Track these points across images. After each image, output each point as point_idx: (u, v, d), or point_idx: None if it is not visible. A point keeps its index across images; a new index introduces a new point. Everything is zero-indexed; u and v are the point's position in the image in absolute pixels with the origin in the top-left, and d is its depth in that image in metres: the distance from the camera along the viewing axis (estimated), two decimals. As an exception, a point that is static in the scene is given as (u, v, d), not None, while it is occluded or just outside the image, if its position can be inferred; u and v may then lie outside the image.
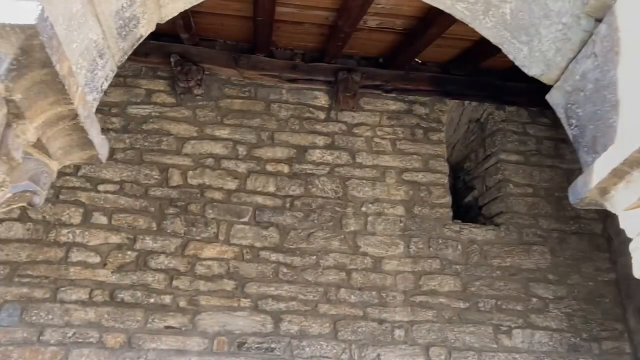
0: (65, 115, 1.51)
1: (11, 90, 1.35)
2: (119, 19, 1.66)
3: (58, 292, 4.16)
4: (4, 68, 1.31)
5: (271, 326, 4.28)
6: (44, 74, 1.38)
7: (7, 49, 1.30)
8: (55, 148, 1.64)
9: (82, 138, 1.64)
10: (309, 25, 4.68)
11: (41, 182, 1.63)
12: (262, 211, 4.64)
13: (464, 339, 4.44)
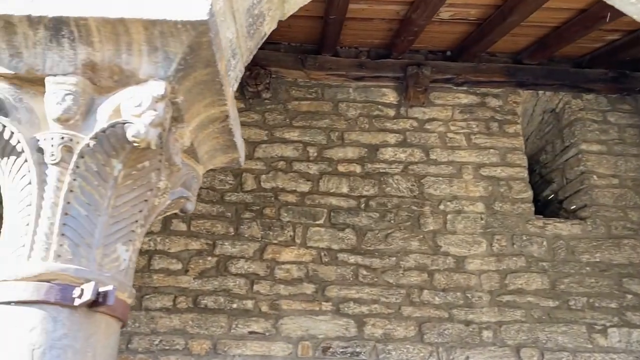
0: (216, 118, 1.46)
1: (176, 92, 1.31)
2: (249, 16, 1.60)
3: (143, 299, 4.19)
4: (172, 69, 1.27)
5: (355, 330, 4.20)
6: (205, 74, 1.33)
7: (176, 48, 1.26)
8: (202, 152, 1.60)
9: (227, 141, 1.59)
10: (379, 21, 4.58)
11: (192, 188, 1.59)
12: (337, 213, 4.57)
13: (556, 339, 4.23)
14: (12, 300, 1.23)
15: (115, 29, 1.27)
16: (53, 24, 1.28)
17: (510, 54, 5.16)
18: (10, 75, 1.33)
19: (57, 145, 1.30)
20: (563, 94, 5.28)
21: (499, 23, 4.24)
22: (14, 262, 1.24)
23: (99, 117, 1.31)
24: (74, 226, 1.30)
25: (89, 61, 1.32)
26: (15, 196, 1.28)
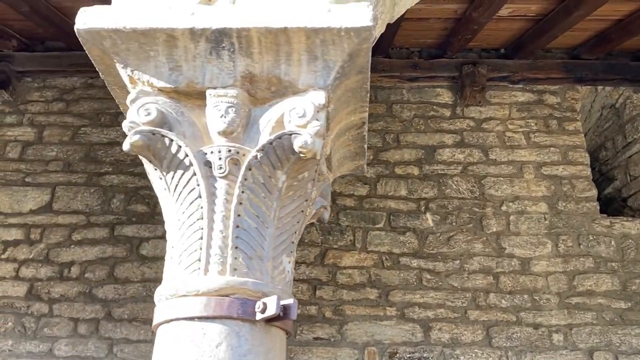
0: (354, 125, 1.43)
1: (330, 101, 1.28)
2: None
3: (207, 307, 4.20)
4: (331, 77, 1.25)
5: (421, 335, 4.13)
6: (355, 81, 1.30)
7: (336, 56, 1.23)
8: (335, 160, 1.57)
9: (358, 148, 1.56)
10: (434, 21, 4.52)
11: (327, 196, 1.57)
12: (396, 216, 4.51)
13: (630, 341, 4.09)
14: (195, 316, 1.21)
15: (276, 39, 1.25)
16: (215, 36, 1.26)
17: (567, 49, 5.03)
18: (169, 89, 1.33)
19: (224, 158, 1.28)
20: (623, 89, 5.13)
21: (563, 18, 4.12)
22: (189, 277, 1.22)
23: (262, 129, 1.29)
24: (246, 239, 1.28)
25: (247, 73, 1.30)
26: (183, 210, 1.27)
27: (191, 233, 1.26)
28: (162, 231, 4.46)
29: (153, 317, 1.39)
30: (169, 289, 1.23)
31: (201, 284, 1.22)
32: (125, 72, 1.32)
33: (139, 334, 4.13)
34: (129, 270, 4.34)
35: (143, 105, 1.26)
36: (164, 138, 1.26)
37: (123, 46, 1.30)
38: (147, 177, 4.32)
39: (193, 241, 1.25)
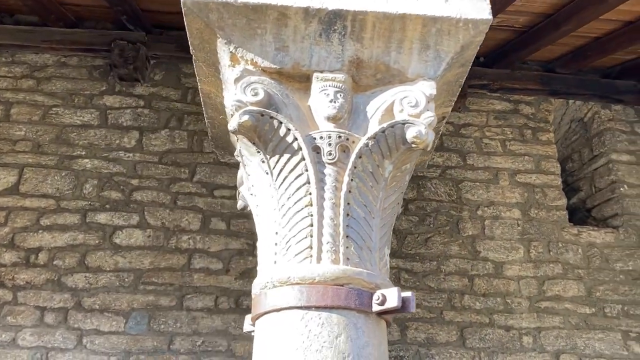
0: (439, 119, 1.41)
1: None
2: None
3: (184, 299, 4.10)
4: (441, 68, 1.22)
5: (398, 334, 4.18)
6: (454, 74, 1.29)
7: (449, 47, 1.21)
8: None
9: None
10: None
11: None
12: (377, 215, 4.54)
13: (594, 345, 4.29)
14: (311, 305, 1.15)
15: (391, 25, 1.22)
16: (329, 17, 1.21)
17: (543, 62, 5.21)
18: (273, 69, 1.27)
19: (335, 144, 1.23)
20: (592, 104, 5.36)
21: (549, 31, 4.27)
22: (300, 265, 1.16)
23: (370, 116, 1.25)
24: (356, 228, 1.24)
25: (355, 58, 1.26)
26: (288, 196, 1.21)
27: (299, 219, 1.20)
28: (137, 220, 4.32)
29: (253, 305, 1.33)
30: (274, 277, 1.17)
31: (316, 272, 1.17)
32: (228, 49, 1.24)
33: (111, 325, 3.98)
34: (102, 259, 4.17)
35: (249, 85, 1.19)
36: (272, 120, 1.20)
37: (229, 21, 1.22)
38: (122, 162, 4.14)
39: (302, 228, 1.19)
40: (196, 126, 4.69)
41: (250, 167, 1.27)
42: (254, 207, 1.33)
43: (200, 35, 1.24)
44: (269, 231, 1.23)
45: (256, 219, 1.33)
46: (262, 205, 1.25)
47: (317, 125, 1.23)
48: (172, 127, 4.67)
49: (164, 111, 4.73)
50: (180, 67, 4.90)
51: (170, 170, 4.50)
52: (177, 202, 4.40)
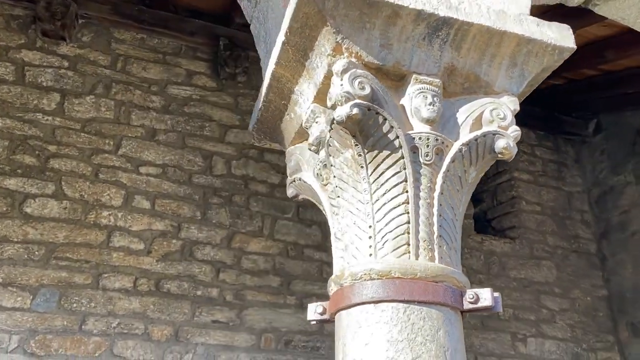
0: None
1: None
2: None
3: (100, 278, 3.87)
4: (523, 86, 1.27)
5: (316, 325, 4.28)
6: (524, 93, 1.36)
7: (534, 68, 1.26)
8: None
9: None
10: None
11: None
12: (305, 208, 4.61)
13: (487, 345, 4.72)
14: (414, 300, 1.17)
15: (489, 40, 1.26)
16: (437, 23, 1.23)
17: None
18: (375, 65, 1.26)
19: (432, 146, 1.25)
20: (502, 124, 5.86)
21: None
22: (399, 260, 1.16)
23: (460, 123, 1.28)
24: (447, 229, 1.26)
25: (450, 65, 1.29)
26: (383, 192, 1.19)
27: (396, 215, 1.21)
28: (52, 189, 3.99)
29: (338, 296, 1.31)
30: (373, 269, 1.17)
31: (417, 268, 1.19)
32: (334, 38, 1.22)
33: (15, 300, 3.65)
34: (9, 228, 3.80)
35: (357, 78, 1.18)
36: (377, 116, 1.20)
37: (343, 11, 1.23)
38: (39, 125, 3.83)
39: (399, 224, 1.20)
40: (124, 96, 4.43)
41: (339, 159, 1.27)
42: (330, 198, 1.33)
43: (306, 20, 1.22)
44: (362, 223, 1.24)
45: (333, 209, 1.33)
46: (350, 197, 1.25)
47: (411, 126, 1.26)
48: (99, 95, 4.38)
49: (90, 76, 4.41)
50: (112, 32, 4.60)
51: (94, 140, 4.22)
52: (98, 174, 4.14)
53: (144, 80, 4.54)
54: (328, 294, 1.44)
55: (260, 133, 1.66)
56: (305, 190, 1.50)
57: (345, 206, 1.27)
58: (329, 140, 1.25)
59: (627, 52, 3.87)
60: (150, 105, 4.48)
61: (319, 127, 1.30)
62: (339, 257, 1.35)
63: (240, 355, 4.01)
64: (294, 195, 1.60)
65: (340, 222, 1.30)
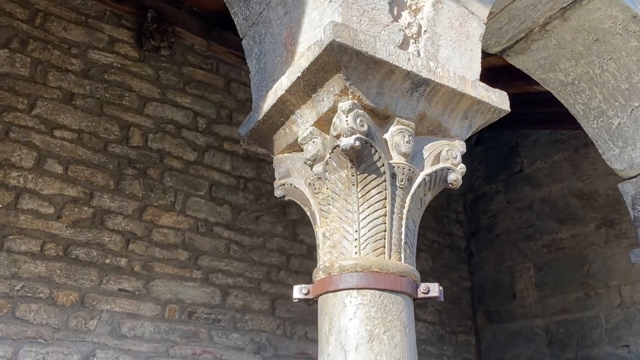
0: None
1: None
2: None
3: (5, 240, 3.79)
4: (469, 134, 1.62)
5: (219, 299, 4.54)
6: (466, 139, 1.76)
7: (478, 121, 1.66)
8: None
9: None
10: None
11: None
12: (217, 187, 4.81)
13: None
14: (386, 288, 1.46)
15: (453, 98, 1.59)
16: (419, 81, 1.54)
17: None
18: (370, 107, 1.55)
19: (406, 174, 1.55)
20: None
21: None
22: (377, 259, 1.45)
23: (425, 158, 1.60)
24: (409, 237, 1.56)
25: (422, 113, 1.60)
26: (368, 205, 1.48)
27: (376, 225, 1.51)
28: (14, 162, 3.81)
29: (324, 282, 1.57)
30: (358, 264, 1.46)
31: (390, 266, 1.50)
32: (343, 83, 1.46)
33: None
34: None
35: (358, 116, 1.45)
36: (371, 148, 1.49)
37: (354, 64, 1.51)
38: None
39: (378, 231, 1.50)
40: (42, 55, 4.29)
41: (334, 176, 1.54)
42: (321, 204, 1.59)
43: (323, 65, 1.47)
44: (349, 228, 1.53)
45: (323, 213, 1.60)
46: (340, 207, 1.54)
47: (391, 156, 1.57)
48: (14, 49, 4.20)
49: (5, 28, 4.21)
50: (32, -16, 4.41)
51: (6, 97, 4.06)
52: (9, 133, 4.01)
53: (64, 41, 4.42)
54: (313, 279, 1.74)
55: (251, 139, 1.89)
56: (294, 194, 1.77)
57: (335, 213, 1.57)
58: (328, 160, 1.53)
59: (514, 83, 4.53)
60: (69, 68, 4.38)
61: (315, 147, 1.59)
62: (326, 252, 1.65)
63: (145, 324, 4.15)
64: (281, 196, 1.86)
65: (329, 224, 1.60)
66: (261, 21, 1.85)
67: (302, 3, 1.64)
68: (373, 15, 1.56)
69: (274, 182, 1.97)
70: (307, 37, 1.63)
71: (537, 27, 2.56)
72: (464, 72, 1.71)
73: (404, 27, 1.64)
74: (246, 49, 2.01)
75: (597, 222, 5.06)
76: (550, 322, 5.25)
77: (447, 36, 1.71)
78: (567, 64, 2.74)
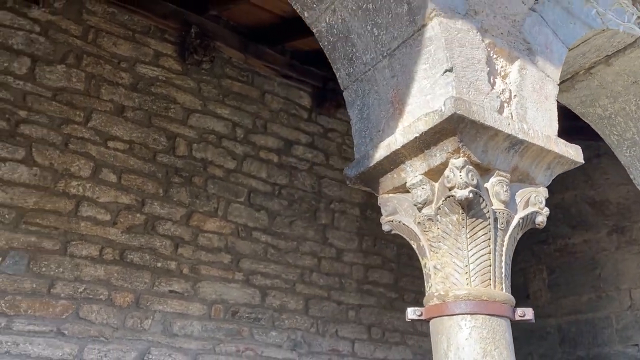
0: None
1: None
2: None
3: (68, 245, 4.08)
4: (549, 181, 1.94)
5: (259, 299, 4.85)
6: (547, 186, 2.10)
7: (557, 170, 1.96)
8: None
9: None
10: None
11: None
12: (255, 194, 5.11)
13: (393, 323, 5.61)
14: (494, 313, 1.78)
15: (540, 153, 1.93)
16: (516, 141, 1.89)
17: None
18: (476, 163, 1.87)
19: (504, 218, 1.87)
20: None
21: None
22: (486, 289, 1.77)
23: (517, 203, 1.92)
24: (506, 271, 1.87)
25: (515, 165, 1.93)
26: (477, 244, 1.80)
27: (483, 260, 1.82)
28: (23, 155, 4.08)
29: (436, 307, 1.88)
30: (470, 293, 1.78)
31: (496, 295, 1.82)
32: (457, 145, 1.78)
33: (-15, 262, 3.76)
34: (-22, 190, 3.86)
35: (470, 172, 1.77)
36: (479, 198, 1.81)
37: (467, 130, 1.82)
38: (10, 88, 3.92)
39: (484, 266, 1.82)
40: (95, 69, 4.56)
41: (446, 219, 1.85)
42: (431, 241, 1.90)
43: (440, 129, 1.78)
44: (460, 263, 1.83)
45: (433, 249, 1.91)
46: (451, 245, 1.85)
47: (492, 203, 1.89)
48: (70, 65, 4.46)
49: (62, 44, 4.47)
50: (84, 2, 4.66)
51: (65, 110, 4.33)
52: (68, 145, 4.28)
53: (114, 56, 4.69)
54: (424, 303, 2.06)
55: (358, 180, 2.19)
56: (402, 230, 2.09)
57: (445, 249, 1.87)
58: (440, 206, 1.84)
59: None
60: (119, 82, 4.65)
61: (425, 192, 1.89)
62: (439, 282, 1.96)
63: (194, 323, 4.45)
64: (388, 230, 2.18)
65: (440, 259, 1.90)
66: (365, 79, 2.14)
67: (412, 71, 1.94)
68: (477, 86, 1.87)
69: (381, 217, 2.28)
70: (417, 101, 1.93)
71: (583, 70, 2.89)
72: (547, 130, 2.03)
73: (499, 93, 1.95)
74: (347, 100, 2.31)
75: (609, 228, 5.41)
76: (562, 322, 5.62)
77: (531, 99, 2.02)
78: (605, 101, 3.07)
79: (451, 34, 1.83)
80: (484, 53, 1.92)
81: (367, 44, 2.07)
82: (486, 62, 1.91)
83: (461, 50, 1.85)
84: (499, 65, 1.98)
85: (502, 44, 1.99)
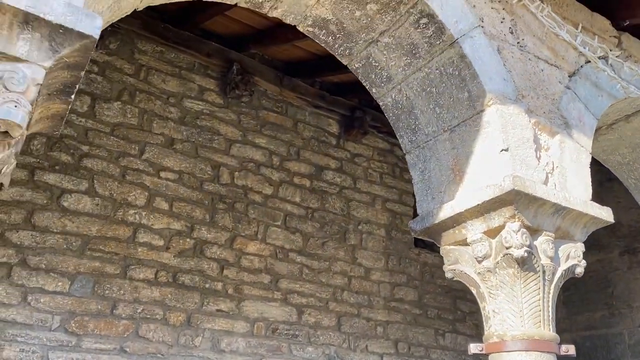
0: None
1: None
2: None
3: (128, 269, 4.46)
4: (585, 237, 2.32)
5: (296, 317, 5.21)
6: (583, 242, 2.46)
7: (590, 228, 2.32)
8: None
9: None
10: (358, 73, 5.64)
11: None
12: (290, 217, 5.48)
13: (418, 337, 5.97)
14: (545, 350, 2.16)
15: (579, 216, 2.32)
16: (559, 207, 2.27)
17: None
18: (528, 226, 2.24)
19: (551, 271, 2.26)
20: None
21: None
22: (537, 330, 2.14)
23: (560, 257, 2.30)
24: (552, 313, 2.25)
25: (558, 226, 2.32)
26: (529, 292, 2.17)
27: (534, 306, 2.20)
28: (86, 186, 4.47)
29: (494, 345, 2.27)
30: (525, 334, 2.16)
31: (546, 335, 2.20)
32: (513, 212, 2.16)
33: (57, 285, 4.14)
34: (49, 220, 4.24)
35: (524, 234, 2.15)
36: (532, 255, 2.19)
37: (522, 200, 2.19)
38: (73, 125, 4.29)
39: (536, 311, 2.20)
40: (147, 105, 4.95)
41: (503, 271, 2.23)
42: (489, 289, 2.29)
43: (500, 200, 2.16)
44: (515, 308, 2.21)
45: (491, 295, 2.28)
46: (507, 292, 2.23)
47: (540, 258, 2.27)
48: (125, 101, 4.86)
49: (117, 83, 4.87)
50: (136, 42, 5.06)
51: (121, 144, 4.72)
52: (125, 176, 4.67)
53: (163, 92, 5.08)
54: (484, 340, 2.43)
55: (422, 233, 2.58)
56: (463, 277, 2.48)
57: (502, 296, 2.25)
58: (499, 260, 2.22)
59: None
60: (169, 116, 5.04)
61: (484, 248, 2.28)
62: (497, 323, 2.33)
63: (239, 340, 4.82)
64: (451, 277, 2.57)
65: (497, 304, 2.28)
66: (427, 147, 2.53)
67: (471, 145, 2.32)
68: (528, 162, 2.25)
69: (444, 266, 2.66)
70: (476, 170, 2.32)
71: (605, 126, 3.27)
72: (583, 195, 2.41)
73: (544, 166, 2.33)
74: (410, 162, 2.70)
75: (621, 249, 5.77)
76: (577, 337, 5.97)
77: (570, 168, 2.40)
78: (624, 150, 3.45)
79: (505, 119, 2.21)
80: (531, 132, 2.30)
81: (429, 119, 2.45)
82: (533, 139, 2.30)
83: (514, 132, 2.23)
84: (542, 140, 2.37)
85: (544, 121, 2.37)
